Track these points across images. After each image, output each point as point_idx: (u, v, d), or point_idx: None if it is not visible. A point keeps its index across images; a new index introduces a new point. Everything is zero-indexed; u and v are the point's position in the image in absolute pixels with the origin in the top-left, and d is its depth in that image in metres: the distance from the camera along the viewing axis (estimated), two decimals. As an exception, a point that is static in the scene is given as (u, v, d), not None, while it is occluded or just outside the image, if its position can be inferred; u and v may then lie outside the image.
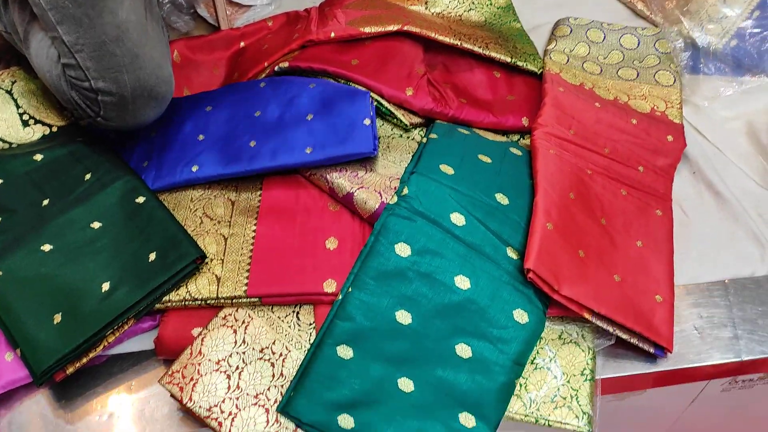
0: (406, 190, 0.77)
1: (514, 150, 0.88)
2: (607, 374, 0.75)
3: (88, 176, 0.83)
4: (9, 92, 0.93)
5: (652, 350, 0.74)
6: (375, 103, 0.90)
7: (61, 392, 0.75)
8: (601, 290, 0.74)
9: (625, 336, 0.73)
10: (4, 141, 0.89)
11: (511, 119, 0.94)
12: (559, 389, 0.72)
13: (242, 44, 1.08)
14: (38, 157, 0.86)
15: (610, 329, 0.73)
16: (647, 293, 0.76)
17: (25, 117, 0.92)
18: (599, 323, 0.73)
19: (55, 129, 0.92)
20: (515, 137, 0.95)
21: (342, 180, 0.81)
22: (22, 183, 0.82)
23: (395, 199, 0.77)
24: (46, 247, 0.76)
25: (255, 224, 0.81)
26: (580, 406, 0.71)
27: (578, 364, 0.74)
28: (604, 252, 0.78)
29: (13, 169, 0.84)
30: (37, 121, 0.92)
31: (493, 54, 0.98)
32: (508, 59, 0.99)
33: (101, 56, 0.74)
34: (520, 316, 0.72)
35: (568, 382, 0.72)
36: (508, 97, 0.98)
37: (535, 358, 0.74)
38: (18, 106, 0.92)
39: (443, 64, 1.01)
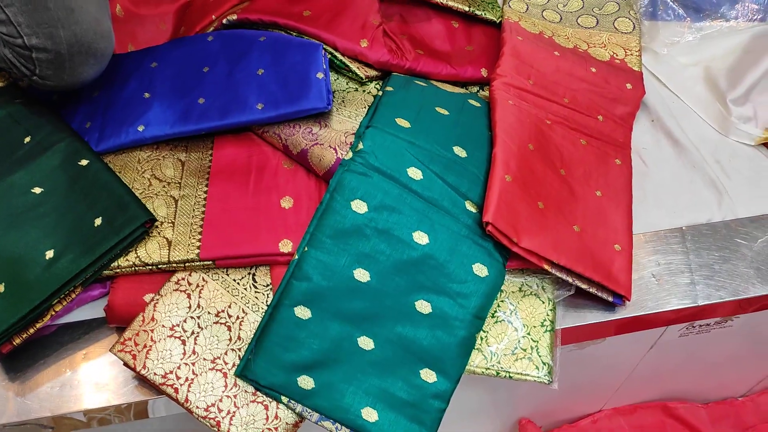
0: (361, 145, 0.75)
1: (472, 102, 0.86)
2: (567, 324, 0.76)
3: (27, 139, 0.79)
4: (-63, 52, 0.87)
5: (610, 299, 0.74)
6: (328, 56, 0.86)
7: (9, 364, 0.72)
8: (560, 241, 0.73)
9: (584, 286, 0.73)
10: (-66, 104, 0.84)
11: (470, 70, 0.92)
12: (519, 341, 0.72)
13: (189, -4, 1.03)
14: (-28, 120, 0.81)
15: (570, 280, 0.73)
16: (606, 243, 0.76)
17: (-43, 78, 0.86)
18: (559, 274, 0.73)
19: (-9, 90, 0.87)
20: (474, 89, 0.93)
21: (296, 136, 0.79)
22: (-45, 148, 0.78)
23: (350, 154, 0.75)
24: (-16, 215, 0.72)
25: (206, 185, 0.78)
26: (540, 357, 0.71)
27: (538, 316, 0.74)
28: (563, 203, 0.78)
29: (-54, 134, 0.79)
30: (-30, 83, 0.86)
31: (451, 3, 0.95)
32: (466, 8, 0.96)
33: (33, 10, 0.69)
34: (480, 269, 0.71)
35: (529, 333, 0.72)
36: (467, 48, 0.95)
37: (495, 312, 0.74)
38: (-52, 67, 0.86)
39: (400, 14, 0.98)
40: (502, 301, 0.74)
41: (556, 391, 0.72)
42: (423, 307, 0.70)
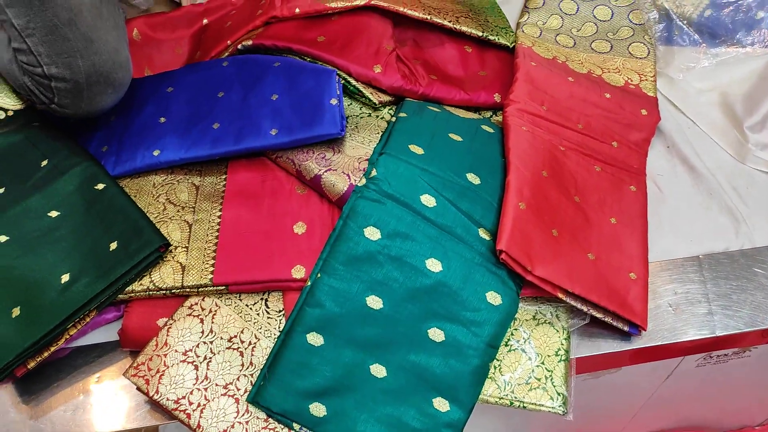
0: (374, 172, 0.75)
1: (485, 127, 0.86)
2: (581, 353, 0.75)
3: (44, 163, 0.80)
4: (-41, 76, 0.88)
5: (626, 328, 0.73)
6: (342, 82, 0.87)
7: (23, 387, 0.72)
8: (574, 269, 0.73)
9: (599, 315, 0.72)
10: (-46, 127, 0.85)
11: (483, 95, 0.92)
12: (533, 371, 0.71)
13: (205, 21, 1.04)
14: (-9, 143, 0.82)
15: (584, 308, 0.72)
16: (621, 271, 0.75)
17: (-23, 101, 0.88)
18: (573, 303, 0.72)
19: (10, 113, 0.88)
20: (487, 114, 0.93)
21: (309, 162, 0.79)
22: (-26, 171, 0.79)
23: (364, 181, 0.75)
24: (2, 238, 0.73)
25: (220, 210, 0.79)
26: (554, 387, 0.70)
27: (552, 345, 0.73)
28: (577, 230, 0.77)
29: (-36, 157, 0.80)
30: (-11, 106, 0.88)
31: (464, 28, 0.96)
32: (480, 33, 0.96)
33: (53, 41, 0.71)
34: (493, 298, 0.71)
35: (543, 363, 0.72)
36: (480, 73, 0.96)
37: (509, 340, 0.73)
38: (-31, 91, 0.88)
39: (413, 39, 0.99)
40: (515, 329, 0.74)
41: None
42: (436, 335, 0.70)
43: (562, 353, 0.72)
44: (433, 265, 0.71)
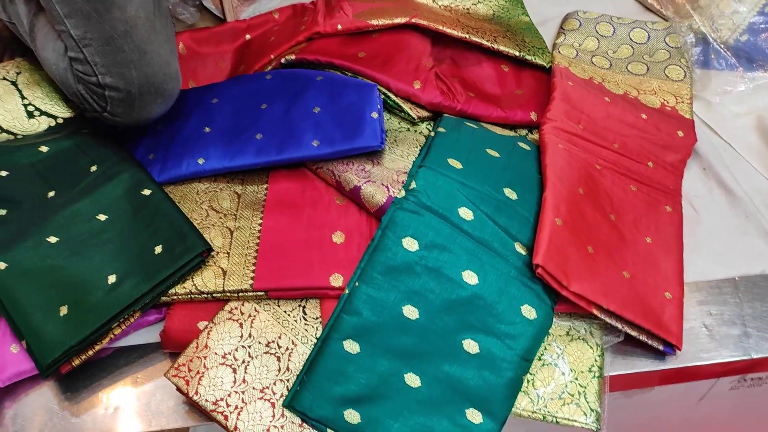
0: (414, 184, 0.77)
1: (522, 144, 0.87)
2: (615, 371, 0.75)
3: (93, 168, 0.83)
4: (14, 83, 0.92)
5: (661, 347, 0.73)
6: (382, 96, 0.89)
7: (66, 384, 0.74)
8: (610, 286, 0.73)
9: (633, 333, 0.73)
10: (9, 132, 0.89)
11: (520, 113, 0.93)
12: (567, 386, 0.71)
13: (248, 37, 1.07)
14: (44, 148, 0.85)
15: (619, 326, 0.72)
16: (657, 290, 0.76)
17: (30, 108, 0.91)
18: (608, 320, 0.72)
19: (60, 120, 0.92)
20: (523, 132, 0.94)
21: (349, 174, 0.81)
22: (27, 174, 0.82)
23: (403, 192, 0.77)
24: (52, 239, 0.75)
25: (261, 217, 0.81)
26: (588, 403, 0.70)
27: (586, 361, 0.73)
28: (613, 248, 0.78)
29: (19, 161, 0.83)
30: (42, 113, 0.91)
31: (502, 48, 0.98)
32: (517, 53, 0.98)
33: (109, 51, 0.74)
34: (528, 311, 0.71)
35: (576, 378, 0.72)
36: (517, 92, 0.97)
37: (542, 355, 0.73)
38: (23, 97, 0.91)
39: (451, 57, 1.01)
40: (549, 344, 0.74)
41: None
42: (471, 346, 0.71)
43: (595, 369, 0.72)
44: (470, 278, 0.72)
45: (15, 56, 0.99)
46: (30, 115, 0.91)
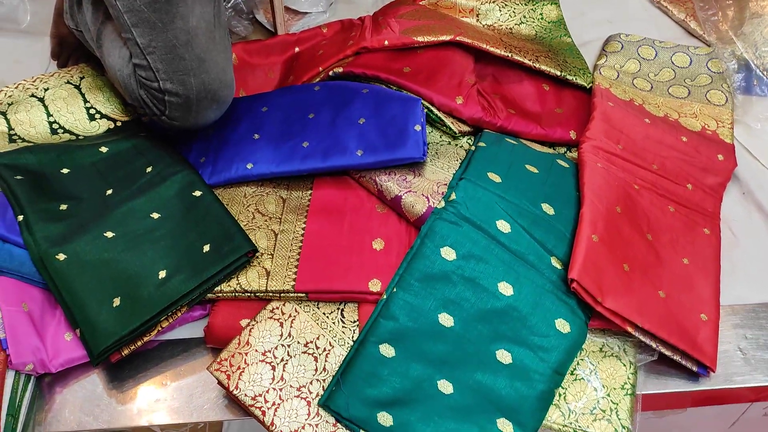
0: (453, 196, 0.79)
1: (561, 162, 0.88)
2: (647, 390, 0.75)
3: (149, 169, 0.87)
4: (77, 87, 0.98)
5: (695, 368, 0.73)
6: (425, 110, 0.92)
7: (114, 373, 0.78)
8: (645, 305, 0.74)
9: (668, 352, 0.73)
10: (71, 133, 0.94)
11: (559, 131, 0.95)
12: (599, 401, 0.72)
13: (297, 49, 1.11)
14: (103, 149, 0.90)
15: (653, 345, 0.73)
16: (692, 311, 0.76)
17: (92, 111, 0.96)
18: (642, 338, 0.73)
19: (119, 124, 0.97)
20: (562, 150, 0.96)
21: (390, 183, 0.83)
22: (88, 173, 0.87)
23: (443, 203, 0.79)
24: (109, 234, 0.79)
25: (305, 222, 0.84)
26: (620, 419, 0.71)
27: (619, 378, 0.74)
28: (649, 267, 0.78)
29: (80, 160, 0.88)
30: (102, 116, 0.96)
31: (543, 67, 1.00)
32: (558, 72, 1.00)
33: (171, 59, 0.78)
34: (562, 325, 0.72)
35: (608, 395, 0.72)
36: (557, 110, 0.99)
37: (575, 369, 0.74)
38: (85, 101, 0.97)
39: (493, 75, 1.03)
40: (582, 359, 0.75)
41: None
42: (504, 356, 0.72)
43: (628, 387, 0.73)
44: (505, 289, 0.73)
45: (80, 62, 1.04)
46: (91, 117, 0.96)
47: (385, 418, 0.71)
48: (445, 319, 0.73)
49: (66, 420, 0.74)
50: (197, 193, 0.84)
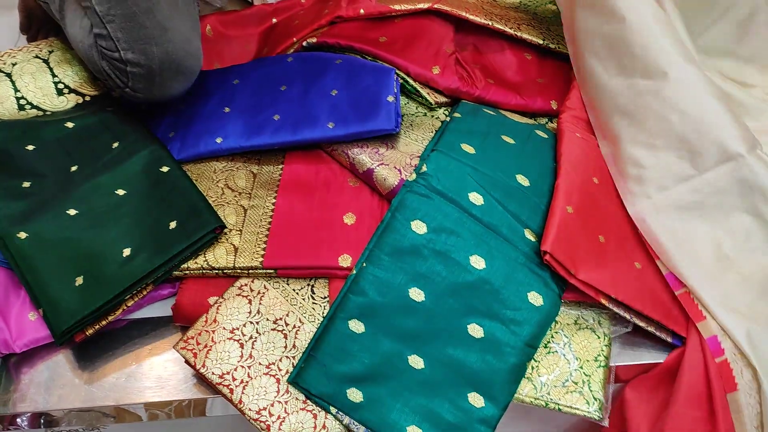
0: (425, 168, 0.77)
1: (539, 132, 0.86)
2: (623, 362, 0.74)
3: (115, 144, 0.85)
4: (46, 61, 0.95)
5: (670, 339, 0.72)
6: (400, 81, 0.89)
7: (81, 353, 0.77)
8: (620, 276, 0.72)
9: (642, 324, 0.72)
10: (39, 108, 0.91)
11: (540, 102, 0.92)
12: (571, 374, 0.71)
13: (274, 20, 1.08)
14: (69, 124, 0.88)
15: (627, 316, 0.72)
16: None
17: (60, 86, 0.94)
18: (616, 310, 0.71)
19: (88, 98, 0.94)
20: (543, 120, 0.94)
21: (363, 156, 0.81)
22: (52, 149, 0.85)
23: (414, 176, 0.77)
24: (72, 212, 0.78)
25: (275, 197, 0.82)
26: (591, 391, 0.70)
27: (592, 350, 0.72)
28: (625, 239, 0.76)
29: (45, 136, 0.86)
30: (71, 90, 0.94)
31: (525, 35, 0.97)
32: (540, 41, 0.97)
33: (131, 27, 0.76)
34: (535, 298, 0.71)
35: (581, 367, 0.71)
36: (538, 80, 0.96)
37: (548, 342, 0.73)
38: (54, 75, 0.94)
39: (474, 44, 1.00)
40: (556, 332, 0.74)
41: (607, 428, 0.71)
42: (475, 330, 0.71)
43: (601, 359, 0.72)
44: (477, 262, 0.72)
45: (49, 36, 1.01)
46: (60, 92, 0.93)
47: (355, 394, 0.70)
48: (416, 294, 0.72)
49: (32, 400, 0.73)
50: (164, 169, 0.82)
